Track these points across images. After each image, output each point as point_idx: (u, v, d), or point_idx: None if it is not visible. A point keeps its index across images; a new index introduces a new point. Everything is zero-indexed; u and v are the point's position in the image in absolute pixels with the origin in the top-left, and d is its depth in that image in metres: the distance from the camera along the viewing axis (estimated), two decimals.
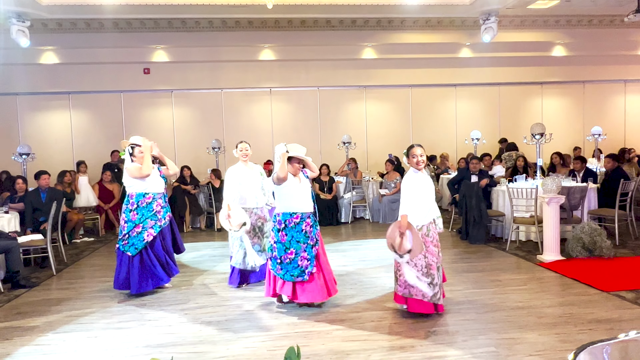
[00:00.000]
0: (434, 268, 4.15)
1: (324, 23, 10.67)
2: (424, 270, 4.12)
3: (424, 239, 4.13)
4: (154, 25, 10.36)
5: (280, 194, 4.57)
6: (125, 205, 5.17)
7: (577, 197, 6.75)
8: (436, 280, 4.14)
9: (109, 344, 3.89)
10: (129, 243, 5.08)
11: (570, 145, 11.86)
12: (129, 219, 5.11)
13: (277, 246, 4.51)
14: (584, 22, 11.17)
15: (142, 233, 5.06)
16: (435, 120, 12.15)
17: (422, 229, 4.17)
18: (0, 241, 5.55)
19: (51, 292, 5.44)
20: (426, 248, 4.13)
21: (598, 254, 6.10)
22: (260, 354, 3.62)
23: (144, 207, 5.11)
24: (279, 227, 4.51)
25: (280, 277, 4.47)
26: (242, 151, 5.36)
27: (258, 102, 11.69)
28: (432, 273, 4.14)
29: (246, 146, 5.40)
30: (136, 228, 5.08)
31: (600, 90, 12.52)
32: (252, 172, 5.39)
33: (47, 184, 7.18)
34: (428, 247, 4.15)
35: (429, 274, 4.13)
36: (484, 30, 9.34)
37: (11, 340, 4.04)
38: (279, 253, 4.49)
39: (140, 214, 5.09)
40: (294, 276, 4.44)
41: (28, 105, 11.06)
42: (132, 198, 5.14)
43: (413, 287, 4.13)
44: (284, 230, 4.48)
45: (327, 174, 9.77)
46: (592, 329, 3.90)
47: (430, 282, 4.12)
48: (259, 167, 5.54)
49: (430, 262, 4.14)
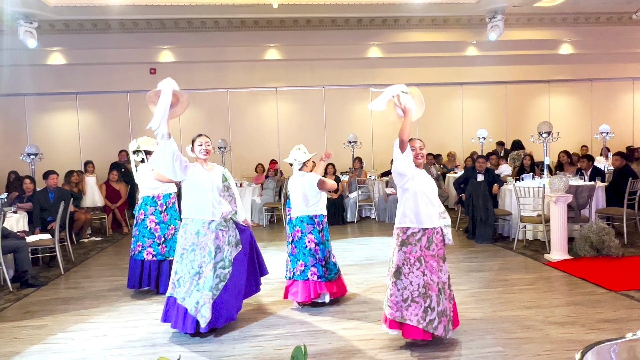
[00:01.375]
0: (434, 289, 3.47)
1: (330, 22, 10.67)
2: (420, 291, 3.45)
3: (423, 252, 3.49)
4: (160, 25, 10.41)
5: (322, 197, 4.72)
6: (152, 207, 5.17)
7: (585, 196, 6.71)
8: (433, 305, 3.46)
9: (117, 343, 3.92)
10: (168, 247, 5.10)
11: (577, 143, 11.78)
12: (160, 220, 5.13)
13: (319, 247, 4.59)
14: (591, 20, 11.09)
15: (175, 235, 5.06)
16: (442, 119, 12.11)
17: (421, 238, 3.50)
18: (9, 241, 5.60)
19: (59, 291, 5.48)
20: (425, 263, 3.48)
21: (606, 253, 6.05)
22: (266, 353, 3.63)
23: (171, 208, 5.19)
24: (319, 229, 4.63)
25: (325, 280, 4.55)
26: (201, 146, 4.05)
27: (264, 101, 11.71)
28: (430, 295, 3.45)
29: (207, 140, 4.09)
30: (170, 230, 5.11)
31: (608, 88, 12.43)
32: (212, 176, 4.06)
33: (55, 183, 7.23)
34: (427, 262, 3.49)
35: (426, 296, 3.45)
36: (490, 28, 9.30)
37: (20, 339, 4.08)
38: (322, 254, 4.59)
39: (170, 214, 5.13)
40: (335, 274, 4.67)
41: (36, 106, 11.15)
42: (159, 199, 5.18)
43: (406, 308, 3.46)
44: (323, 231, 4.65)
45: (333, 174, 9.77)
46: (600, 328, 3.87)
47: (428, 306, 3.44)
48: (222, 168, 4.24)
49: (428, 282, 3.46)
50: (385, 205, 9.58)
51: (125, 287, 5.43)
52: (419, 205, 3.50)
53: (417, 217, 3.51)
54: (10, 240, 5.64)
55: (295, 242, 4.66)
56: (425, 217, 3.52)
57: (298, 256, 4.62)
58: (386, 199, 9.54)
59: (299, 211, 4.66)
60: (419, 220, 3.51)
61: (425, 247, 3.50)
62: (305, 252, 4.59)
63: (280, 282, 5.51)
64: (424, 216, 3.51)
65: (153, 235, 5.17)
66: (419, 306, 3.44)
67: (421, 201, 3.51)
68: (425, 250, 3.50)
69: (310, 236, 4.59)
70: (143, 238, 5.18)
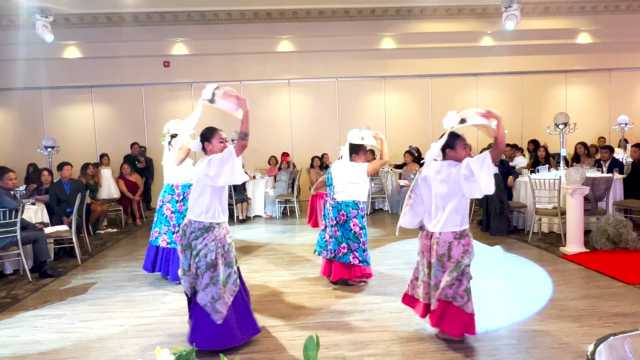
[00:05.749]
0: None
1: (342, 13, 10.60)
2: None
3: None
4: (174, 18, 10.46)
5: (367, 184, 4.95)
6: (170, 195, 5.24)
7: (602, 188, 6.60)
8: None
9: (134, 333, 3.98)
10: None
11: (594, 135, 11.58)
12: (175, 209, 5.20)
13: (363, 232, 4.84)
14: (610, 8, 10.84)
15: None
16: (456, 110, 11.97)
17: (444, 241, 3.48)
18: (28, 232, 5.71)
19: (77, 281, 5.58)
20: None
21: (623, 246, 5.97)
22: (279, 344, 3.66)
23: (187, 199, 5.24)
24: (362, 214, 4.86)
25: (366, 264, 4.85)
26: (222, 143, 3.63)
27: (277, 93, 11.71)
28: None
29: (225, 136, 3.72)
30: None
31: (627, 78, 12.16)
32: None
33: (70, 174, 7.31)
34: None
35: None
36: (506, 17, 9.15)
37: (39, 327, 4.17)
38: (364, 238, 4.86)
39: (186, 205, 5.19)
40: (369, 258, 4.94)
41: (52, 100, 11.30)
42: (177, 189, 5.25)
43: (469, 299, 3.47)
44: (364, 216, 4.90)
45: None
46: (616, 322, 3.83)
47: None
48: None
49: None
50: (399, 197, 9.54)
51: (141, 277, 5.55)
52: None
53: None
54: (29, 231, 5.75)
55: (339, 225, 4.86)
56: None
57: (341, 239, 4.85)
58: (399, 191, 9.50)
59: (345, 196, 4.86)
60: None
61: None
62: (349, 235, 4.82)
63: (293, 273, 5.55)
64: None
65: (168, 223, 5.25)
66: (471, 296, 3.51)
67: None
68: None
69: (355, 220, 4.83)
70: (160, 224, 5.28)
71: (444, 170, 3.50)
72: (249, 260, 6.21)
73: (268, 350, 3.57)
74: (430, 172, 3.59)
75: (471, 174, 3.32)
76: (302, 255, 6.41)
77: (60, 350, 3.71)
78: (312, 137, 11.59)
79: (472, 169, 3.32)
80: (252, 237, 7.82)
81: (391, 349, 3.50)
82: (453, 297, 3.44)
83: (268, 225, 8.86)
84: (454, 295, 3.44)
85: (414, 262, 3.87)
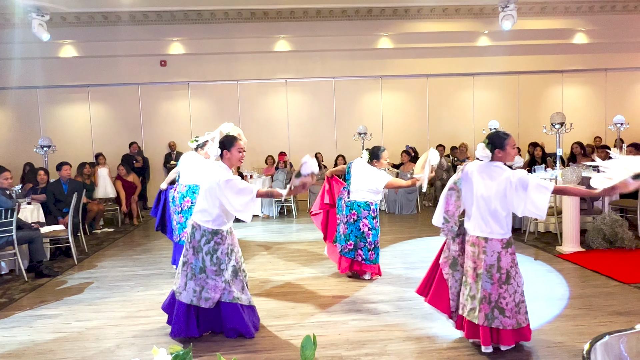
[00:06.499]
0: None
1: (340, 13, 10.61)
2: (523, 289, 3.33)
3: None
4: (170, 17, 10.44)
5: (381, 193, 5.17)
6: (194, 192, 5.29)
7: None
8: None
9: (130, 333, 3.97)
10: None
11: (591, 134, 11.62)
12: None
13: (371, 232, 5.02)
14: (606, 8, 10.89)
15: None
16: (453, 111, 12.01)
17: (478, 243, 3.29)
18: (24, 231, 5.69)
19: (73, 281, 5.56)
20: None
21: (619, 245, 5.99)
22: (276, 343, 3.66)
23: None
24: (374, 215, 5.04)
25: (369, 262, 5.03)
26: (240, 153, 3.73)
27: (274, 93, 11.70)
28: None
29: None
30: None
31: (623, 78, 12.21)
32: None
33: (68, 174, 7.31)
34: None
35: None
36: (503, 17, 9.17)
37: (36, 327, 4.16)
38: (373, 238, 5.03)
39: None
40: (379, 257, 5.13)
41: (48, 99, 11.26)
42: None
43: (517, 311, 3.26)
44: (376, 217, 5.07)
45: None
46: (612, 321, 3.84)
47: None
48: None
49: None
50: (396, 197, 9.56)
51: (138, 277, 5.57)
52: None
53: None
54: (25, 231, 5.73)
55: (349, 223, 5.08)
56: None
57: (349, 236, 5.07)
58: (396, 191, 9.51)
59: (358, 196, 5.06)
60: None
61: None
62: (357, 234, 5.04)
63: (290, 273, 5.55)
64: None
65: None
66: (525, 305, 3.32)
67: None
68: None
69: (365, 221, 5.02)
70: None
71: (489, 172, 3.27)
72: (245, 260, 6.19)
73: (265, 349, 3.56)
74: (473, 171, 3.36)
75: (524, 189, 3.11)
76: (299, 255, 6.41)
77: (57, 350, 3.70)
78: (309, 137, 11.59)
79: (528, 185, 3.09)
80: (249, 236, 7.81)
81: (388, 349, 3.50)
82: (503, 311, 3.21)
83: (265, 225, 8.85)
84: (503, 309, 3.21)
85: (411, 262, 3.84)
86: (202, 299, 3.64)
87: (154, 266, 6.07)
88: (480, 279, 3.25)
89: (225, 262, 3.66)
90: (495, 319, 3.22)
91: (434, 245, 6.72)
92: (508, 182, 3.16)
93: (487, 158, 3.31)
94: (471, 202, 3.35)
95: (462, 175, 3.42)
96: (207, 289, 3.63)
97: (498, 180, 3.21)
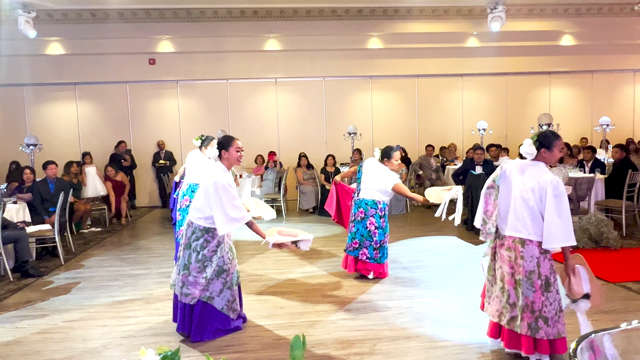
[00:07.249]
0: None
1: (330, 12, 10.61)
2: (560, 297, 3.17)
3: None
4: (159, 15, 10.35)
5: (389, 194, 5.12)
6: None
7: (584, 188, 6.72)
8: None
9: (117, 333, 3.94)
10: None
11: (577, 135, 11.76)
12: None
13: (378, 231, 5.01)
14: (593, 11, 11.02)
15: None
16: (442, 111, 12.08)
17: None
18: (9, 231, 5.61)
19: (60, 281, 5.50)
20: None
21: (604, 245, 6.07)
22: (266, 343, 3.66)
23: None
24: (381, 214, 5.04)
25: (374, 261, 5.01)
26: (238, 152, 3.75)
27: (263, 92, 11.67)
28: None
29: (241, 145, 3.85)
30: None
31: (609, 80, 12.38)
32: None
33: (54, 173, 7.22)
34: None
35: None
36: (491, 19, 9.23)
37: (21, 328, 4.10)
38: (379, 237, 5.01)
39: None
40: (385, 258, 5.08)
41: (34, 96, 11.10)
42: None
43: (557, 320, 3.11)
44: (384, 217, 5.07)
45: (333, 165, 9.78)
46: (597, 319, 3.89)
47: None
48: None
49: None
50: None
51: (125, 277, 5.53)
52: None
53: None
54: (10, 230, 5.65)
55: (356, 221, 5.09)
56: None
57: (355, 235, 5.08)
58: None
59: (367, 194, 5.07)
60: None
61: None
62: (363, 232, 5.04)
63: (280, 273, 5.55)
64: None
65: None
66: (563, 313, 3.18)
67: None
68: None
69: (372, 219, 5.01)
70: None
71: (530, 171, 3.15)
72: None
73: (255, 349, 3.56)
74: (513, 169, 3.23)
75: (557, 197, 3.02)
76: (288, 254, 6.39)
77: (43, 351, 3.66)
78: (299, 137, 11.57)
79: (554, 199, 3.01)
80: (238, 236, 7.78)
81: (377, 348, 3.52)
82: (547, 320, 3.07)
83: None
84: (547, 318, 3.08)
85: (400, 262, 3.84)
86: (183, 294, 3.68)
87: (141, 266, 6.02)
88: (520, 286, 3.11)
89: (209, 260, 3.68)
90: (540, 329, 3.06)
91: (423, 246, 6.76)
92: (549, 184, 3.02)
93: (531, 156, 3.19)
94: (508, 202, 3.21)
95: (501, 173, 3.29)
96: (187, 284, 3.67)
97: (538, 181, 3.07)
